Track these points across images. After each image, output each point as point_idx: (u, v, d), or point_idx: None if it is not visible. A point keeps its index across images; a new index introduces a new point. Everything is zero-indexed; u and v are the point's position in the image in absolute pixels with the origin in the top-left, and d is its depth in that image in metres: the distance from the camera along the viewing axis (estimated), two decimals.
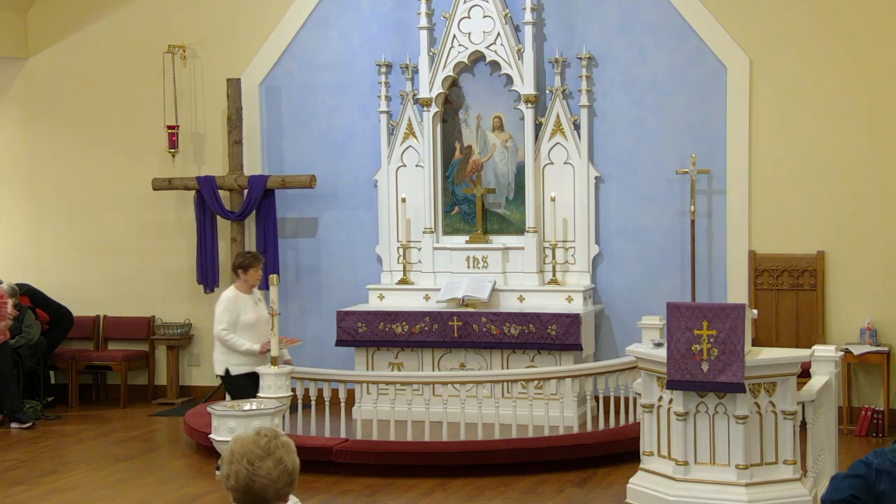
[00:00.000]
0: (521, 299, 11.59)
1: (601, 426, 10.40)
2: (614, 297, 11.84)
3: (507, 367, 11.26)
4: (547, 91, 11.79)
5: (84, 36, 13.34)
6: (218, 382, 12.37)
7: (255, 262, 9.70)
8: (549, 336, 11.06)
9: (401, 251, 12.13)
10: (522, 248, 11.72)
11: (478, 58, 11.86)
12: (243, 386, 9.42)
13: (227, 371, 9.57)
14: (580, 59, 11.63)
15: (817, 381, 8.32)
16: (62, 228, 13.27)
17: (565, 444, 9.97)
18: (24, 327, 12.24)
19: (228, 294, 9.62)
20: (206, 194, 12.53)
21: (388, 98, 12.11)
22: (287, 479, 3.39)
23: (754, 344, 8.92)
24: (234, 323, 9.49)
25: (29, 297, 12.59)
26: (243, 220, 12.61)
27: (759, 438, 7.95)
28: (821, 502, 5.52)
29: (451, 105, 12.06)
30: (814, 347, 8.64)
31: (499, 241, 11.89)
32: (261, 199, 12.40)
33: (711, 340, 7.83)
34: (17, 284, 12.34)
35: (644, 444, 8.41)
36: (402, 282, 12.06)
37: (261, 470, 3.35)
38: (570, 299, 11.46)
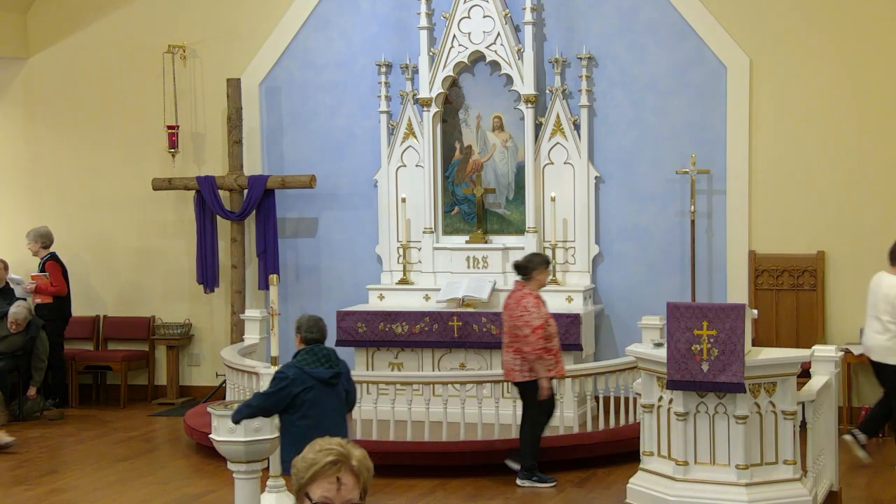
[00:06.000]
0: None
1: (601, 426, 10.39)
2: (614, 297, 11.84)
3: None
4: (547, 91, 11.79)
5: (84, 36, 13.34)
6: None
7: None
8: None
9: (401, 251, 12.12)
10: (522, 248, 11.70)
11: (478, 58, 11.86)
12: None
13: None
14: (580, 59, 11.63)
15: (817, 381, 8.33)
16: (62, 228, 13.26)
17: (565, 444, 9.98)
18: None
19: None
20: (206, 194, 12.53)
21: (388, 98, 12.11)
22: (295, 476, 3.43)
23: (754, 344, 8.92)
24: None
25: (61, 267, 12.67)
26: (243, 220, 12.62)
27: (759, 438, 7.95)
28: (255, 415, 7.24)
29: (451, 105, 12.06)
30: (814, 347, 8.64)
31: (499, 241, 11.88)
32: (261, 199, 12.40)
33: (711, 340, 7.83)
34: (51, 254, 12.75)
35: (644, 444, 8.41)
36: (402, 282, 12.05)
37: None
38: (570, 299, 11.46)
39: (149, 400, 13.08)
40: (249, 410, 7.30)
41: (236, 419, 7.38)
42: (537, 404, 9.43)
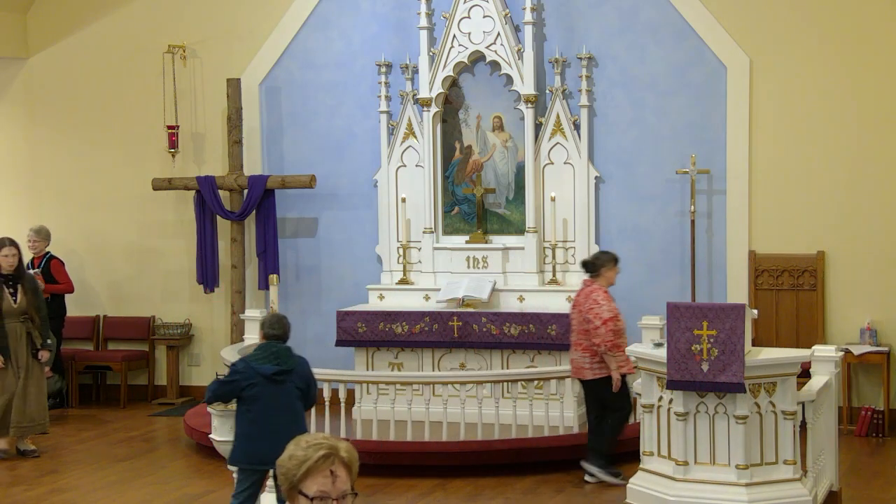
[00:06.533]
0: (521, 299, 11.58)
1: None
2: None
3: (507, 367, 11.25)
4: (547, 91, 11.79)
5: (84, 36, 13.34)
6: None
7: None
8: (549, 336, 11.05)
9: (401, 251, 12.13)
10: (522, 248, 11.72)
11: (478, 58, 11.86)
12: None
13: None
14: (580, 59, 11.63)
15: (817, 381, 8.33)
16: (62, 228, 13.26)
17: (565, 444, 9.97)
18: None
19: None
20: (206, 194, 12.53)
21: (388, 98, 12.11)
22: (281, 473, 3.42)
23: (754, 344, 8.92)
24: None
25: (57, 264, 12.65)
26: (243, 220, 12.62)
27: (759, 438, 7.95)
28: (212, 399, 7.68)
29: (451, 105, 12.06)
30: (814, 347, 8.64)
31: (499, 241, 11.88)
32: (261, 199, 12.40)
33: (711, 340, 7.83)
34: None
35: (644, 444, 8.41)
36: (402, 282, 12.05)
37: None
38: (570, 299, 11.41)
39: (149, 400, 13.08)
40: (208, 394, 7.65)
41: (207, 400, 7.82)
42: (614, 397, 9.39)
